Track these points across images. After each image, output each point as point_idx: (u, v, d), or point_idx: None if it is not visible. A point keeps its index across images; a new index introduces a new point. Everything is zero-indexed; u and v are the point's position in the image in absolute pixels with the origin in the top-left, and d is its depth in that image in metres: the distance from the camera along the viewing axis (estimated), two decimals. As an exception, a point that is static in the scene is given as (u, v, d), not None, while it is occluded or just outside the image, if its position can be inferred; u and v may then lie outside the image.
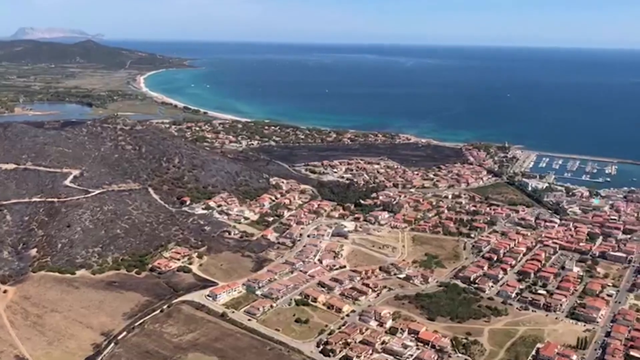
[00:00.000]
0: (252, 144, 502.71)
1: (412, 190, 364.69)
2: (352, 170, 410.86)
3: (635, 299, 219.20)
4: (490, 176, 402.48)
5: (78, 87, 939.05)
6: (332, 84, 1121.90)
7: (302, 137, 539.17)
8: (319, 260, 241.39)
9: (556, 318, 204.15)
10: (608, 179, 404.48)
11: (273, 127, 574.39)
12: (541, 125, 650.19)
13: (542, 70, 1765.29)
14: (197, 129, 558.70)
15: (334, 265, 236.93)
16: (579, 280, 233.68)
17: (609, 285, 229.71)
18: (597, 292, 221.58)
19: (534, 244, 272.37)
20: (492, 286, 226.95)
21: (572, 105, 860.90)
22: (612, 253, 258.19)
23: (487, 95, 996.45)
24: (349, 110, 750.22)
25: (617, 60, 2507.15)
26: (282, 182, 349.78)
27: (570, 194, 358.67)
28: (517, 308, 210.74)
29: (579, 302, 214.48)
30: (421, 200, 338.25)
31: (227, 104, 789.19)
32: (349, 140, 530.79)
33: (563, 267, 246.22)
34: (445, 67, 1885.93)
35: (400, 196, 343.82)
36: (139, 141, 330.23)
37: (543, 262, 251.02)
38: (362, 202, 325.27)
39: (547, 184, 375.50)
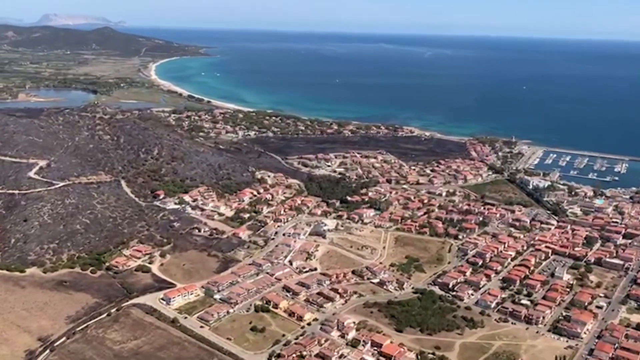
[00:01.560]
0: (249, 135, 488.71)
1: (406, 186, 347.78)
2: (346, 164, 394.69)
3: (628, 312, 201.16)
4: (490, 173, 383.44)
5: (87, 74, 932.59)
6: (344, 74, 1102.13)
7: (302, 128, 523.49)
8: (289, 261, 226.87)
9: (537, 332, 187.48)
10: (616, 178, 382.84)
11: (274, 118, 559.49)
12: (553, 119, 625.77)
13: (562, 62, 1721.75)
14: (197, 118, 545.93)
15: (304, 268, 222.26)
16: (568, 289, 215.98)
17: (600, 296, 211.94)
18: (586, 304, 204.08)
19: (525, 247, 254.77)
20: (471, 294, 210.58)
21: (587, 98, 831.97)
22: (608, 260, 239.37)
23: (502, 87, 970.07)
24: (356, 101, 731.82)
25: (637, 52, 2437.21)
26: (268, 176, 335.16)
27: (573, 193, 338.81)
28: (495, 319, 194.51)
29: (564, 314, 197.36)
30: (412, 197, 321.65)
31: (233, 93, 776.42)
32: (349, 132, 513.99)
33: (553, 275, 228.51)
34: (465, 58, 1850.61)
35: (391, 193, 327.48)
36: (118, 131, 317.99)
37: (532, 268, 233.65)
38: (348, 198, 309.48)
39: (549, 182, 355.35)
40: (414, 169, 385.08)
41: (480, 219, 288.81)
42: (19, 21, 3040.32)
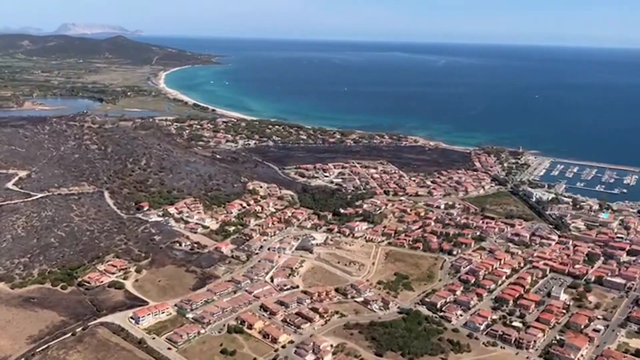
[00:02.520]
0: (249, 144, 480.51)
1: (403, 198, 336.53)
2: (344, 174, 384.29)
3: (627, 337, 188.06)
4: (493, 184, 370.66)
5: (96, 82, 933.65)
6: (354, 82, 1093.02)
7: (304, 137, 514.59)
8: (270, 278, 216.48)
9: (527, 358, 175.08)
10: (624, 190, 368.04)
11: (277, 127, 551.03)
12: (563, 129, 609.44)
13: (577, 70, 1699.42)
14: (198, 126, 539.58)
15: (285, 285, 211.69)
16: (564, 310, 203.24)
17: (598, 318, 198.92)
18: (582, 327, 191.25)
19: (522, 264, 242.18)
20: (460, 315, 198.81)
21: (600, 107, 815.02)
22: (609, 279, 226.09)
23: (514, 95, 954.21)
24: (363, 109, 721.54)
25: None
26: (261, 187, 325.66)
27: (578, 206, 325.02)
28: (483, 343, 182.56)
29: (558, 338, 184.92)
30: (409, 210, 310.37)
31: (239, 102, 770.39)
32: (352, 142, 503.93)
33: (549, 294, 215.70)
34: (478, 66, 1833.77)
35: (387, 205, 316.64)
36: (106, 140, 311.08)
37: (527, 287, 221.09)
38: (341, 210, 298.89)
39: (553, 195, 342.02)
40: (414, 180, 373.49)
41: (478, 233, 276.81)
42: (38, 30, 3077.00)
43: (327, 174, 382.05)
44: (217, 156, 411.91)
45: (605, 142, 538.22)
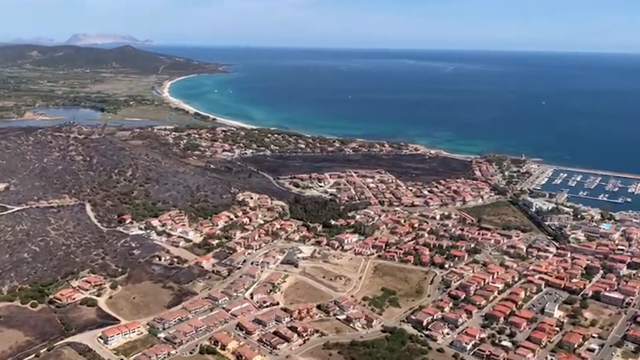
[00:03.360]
0: (246, 153, 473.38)
1: (398, 208, 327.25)
2: (339, 184, 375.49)
3: (623, 357, 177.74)
4: (492, 194, 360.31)
5: (100, 92, 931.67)
6: (359, 90, 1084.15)
7: (303, 146, 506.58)
8: (250, 294, 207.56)
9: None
10: (629, 200, 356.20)
11: (276, 135, 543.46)
12: (569, 136, 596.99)
13: (586, 76, 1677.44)
14: (196, 136, 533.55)
15: (265, 302, 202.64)
16: (558, 328, 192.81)
17: (593, 337, 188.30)
18: (576, 346, 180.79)
19: (516, 278, 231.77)
20: (447, 333, 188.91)
21: (608, 113, 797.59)
22: (606, 294, 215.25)
23: (521, 102, 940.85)
24: (365, 117, 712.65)
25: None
26: (251, 198, 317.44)
27: (579, 216, 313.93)
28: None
29: (549, 358, 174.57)
30: (403, 221, 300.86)
31: (241, 110, 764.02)
32: (351, 150, 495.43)
33: (543, 311, 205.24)
34: (487, 73, 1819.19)
35: (380, 216, 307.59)
36: (92, 151, 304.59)
37: (520, 303, 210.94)
38: (332, 222, 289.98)
39: (554, 205, 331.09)
40: (411, 190, 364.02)
41: (472, 245, 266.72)
42: (50, 41, 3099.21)
43: (322, 184, 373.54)
44: (211, 166, 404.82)
45: (611, 148, 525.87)
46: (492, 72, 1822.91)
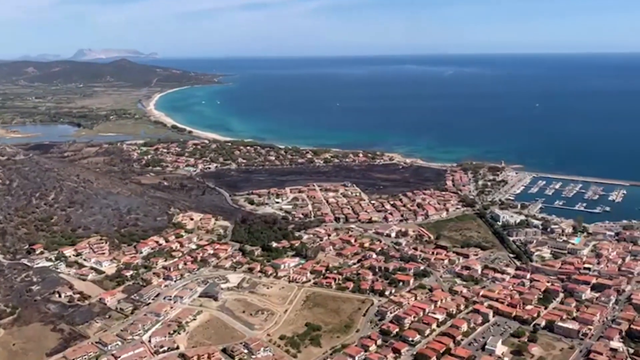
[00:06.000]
0: (209, 168, 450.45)
1: (354, 225, 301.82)
2: (298, 199, 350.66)
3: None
4: (459, 206, 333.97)
5: (84, 107, 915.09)
6: (350, 97, 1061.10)
7: (272, 158, 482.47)
8: (148, 337, 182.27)
9: None
10: (607, 209, 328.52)
11: (248, 147, 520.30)
12: (557, 140, 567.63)
13: (585, 77, 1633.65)
14: (164, 150, 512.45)
15: (162, 347, 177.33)
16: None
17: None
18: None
19: (462, 307, 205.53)
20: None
21: (602, 115, 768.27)
22: (560, 324, 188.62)
23: (514, 105, 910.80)
24: (347, 125, 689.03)
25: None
26: (191, 219, 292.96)
27: (549, 230, 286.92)
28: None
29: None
30: (354, 240, 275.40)
31: (222, 121, 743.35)
32: (322, 162, 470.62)
33: (484, 347, 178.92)
34: (486, 76, 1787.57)
35: (330, 235, 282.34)
36: (13, 174, 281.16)
37: (459, 338, 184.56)
38: (274, 244, 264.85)
39: (523, 217, 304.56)
40: (373, 204, 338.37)
41: (422, 268, 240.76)
42: (57, 57, 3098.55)
43: (279, 200, 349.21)
44: (165, 183, 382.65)
45: (598, 152, 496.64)
46: (493, 76, 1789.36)
